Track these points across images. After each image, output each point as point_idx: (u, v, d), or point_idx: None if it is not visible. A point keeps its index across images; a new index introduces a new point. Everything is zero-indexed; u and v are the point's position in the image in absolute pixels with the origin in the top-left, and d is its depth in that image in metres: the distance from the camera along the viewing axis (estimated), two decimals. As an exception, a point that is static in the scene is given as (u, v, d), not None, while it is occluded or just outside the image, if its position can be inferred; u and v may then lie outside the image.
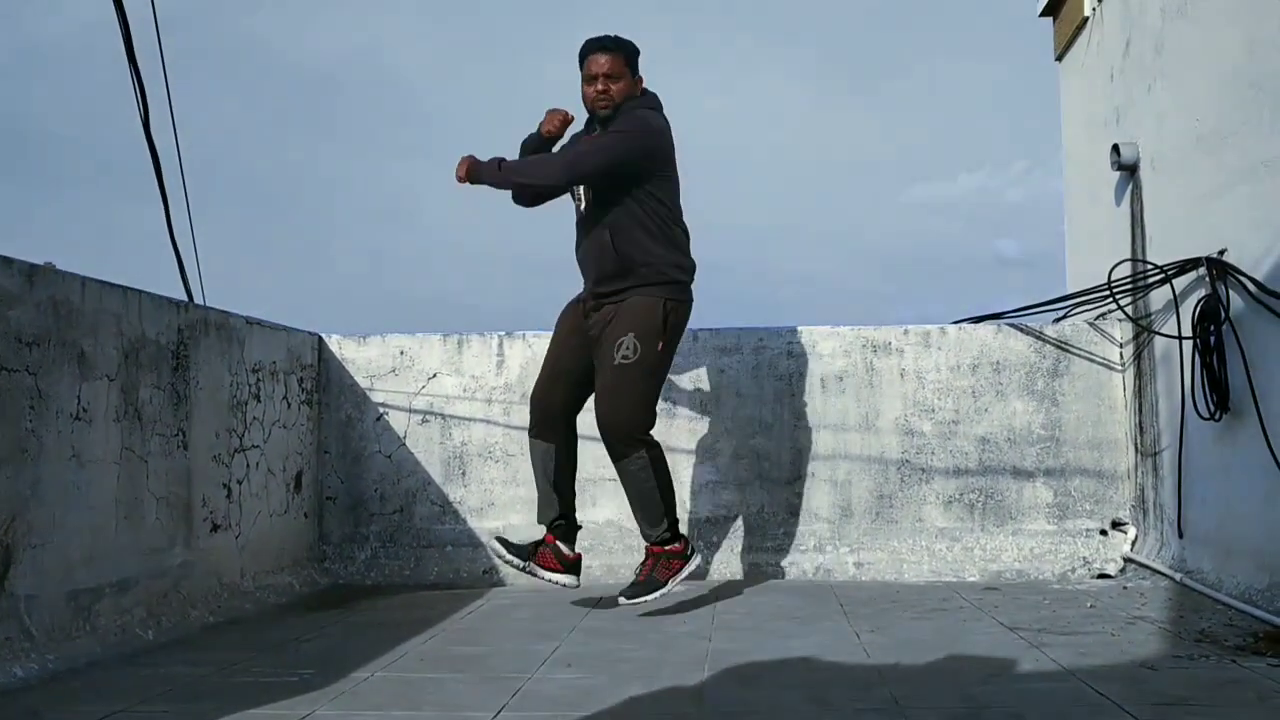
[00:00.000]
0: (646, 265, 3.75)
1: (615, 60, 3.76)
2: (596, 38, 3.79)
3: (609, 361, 3.73)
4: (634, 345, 3.70)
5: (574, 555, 3.92)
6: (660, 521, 3.75)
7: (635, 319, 3.72)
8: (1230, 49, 3.68)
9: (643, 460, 3.73)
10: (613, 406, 3.74)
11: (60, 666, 2.90)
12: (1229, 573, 3.71)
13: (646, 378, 3.74)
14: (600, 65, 3.75)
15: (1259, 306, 3.48)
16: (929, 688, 2.65)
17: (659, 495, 3.75)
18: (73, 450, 3.11)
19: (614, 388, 3.73)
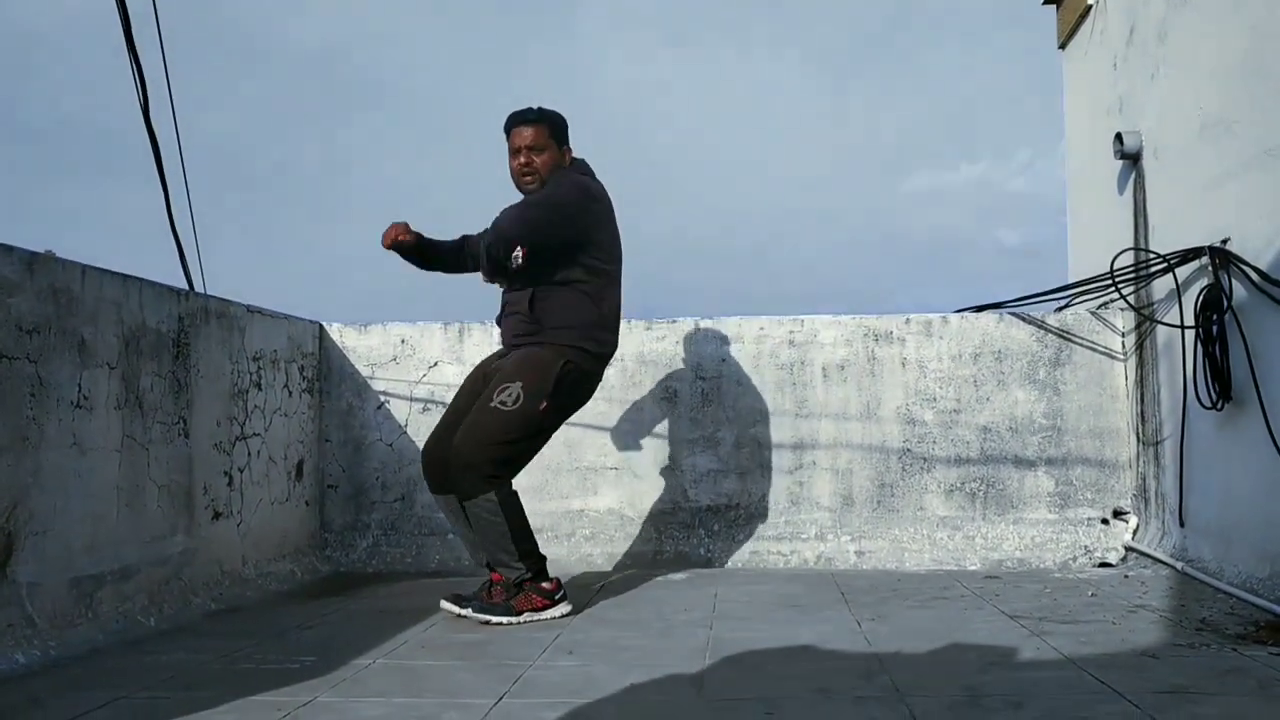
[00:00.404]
0: (559, 328, 3.58)
1: (539, 132, 3.66)
2: (519, 111, 3.69)
3: (485, 400, 3.53)
4: (517, 394, 3.49)
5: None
6: (515, 562, 3.51)
7: (527, 369, 3.54)
8: (1234, 37, 3.67)
9: (491, 503, 3.48)
10: (466, 439, 3.50)
11: (62, 653, 2.91)
12: (1230, 561, 3.71)
13: (516, 430, 3.50)
14: (524, 138, 3.65)
15: (1262, 296, 3.47)
16: (930, 676, 2.65)
17: (512, 536, 3.50)
18: (74, 438, 3.11)
19: (477, 424, 3.51)
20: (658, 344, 4.77)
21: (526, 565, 3.52)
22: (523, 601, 3.48)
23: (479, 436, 3.49)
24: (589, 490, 4.76)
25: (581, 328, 3.60)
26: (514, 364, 3.58)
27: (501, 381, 3.54)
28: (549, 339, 3.58)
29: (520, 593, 3.50)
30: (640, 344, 4.78)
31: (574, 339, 3.58)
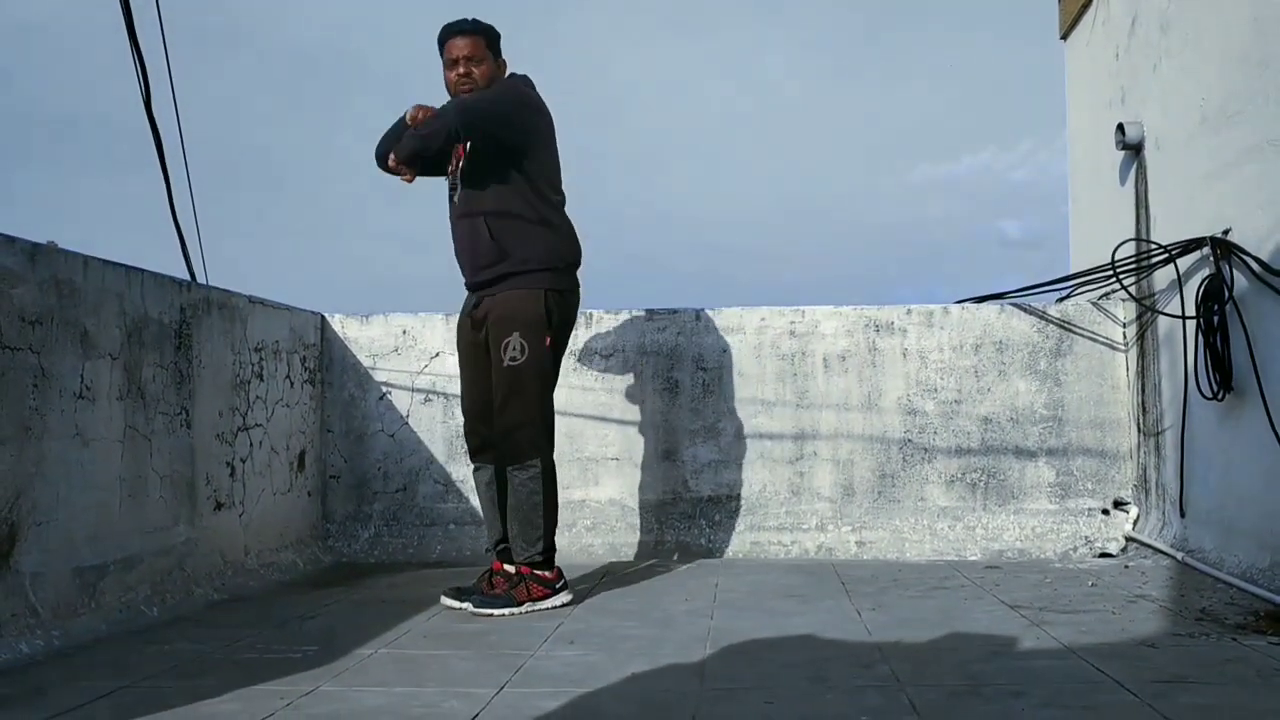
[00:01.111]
0: (525, 256, 3.54)
1: (476, 43, 3.59)
2: (454, 22, 3.62)
3: (499, 364, 3.53)
4: (520, 345, 3.50)
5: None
6: (537, 541, 3.52)
7: (517, 315, 3.53)
8: (1237, 28, 3.66)
9: (535, 470, 3.53)
10: (510, 410, 3.52)
11: (65, 643, 2.92)
12: (1230, 552, 3.72)
13: (538, 378, 3.55)
14: (460, 49, 3.58)
15: (1263, 286, 3.47)
16: (930, 665, 2.66)
17: (543, 513, 3.53)
18: (76, 429, 3.12)
19: (508, 390, 3.52)
20: (659, 334, 4.78)
21: (542, 549, 3.53)
22: (522, 591, 3.49)
23: (517, 401, 3.52)
24: (590, 481, 4.76)
25: (547, 248, 3.58)
26: (500, 317, 3.55)
27: (500, 339, 3.53)
28: (519, 271, 3.55)
29: (521, 582, 3.51)
30: (641, 334, 4.78)
31: (542, 264, 3.57)
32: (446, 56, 3.62)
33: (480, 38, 3.62)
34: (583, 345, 4.79)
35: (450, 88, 3.63)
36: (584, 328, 4.80)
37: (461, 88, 3.60)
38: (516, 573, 3.56)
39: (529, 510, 3.54)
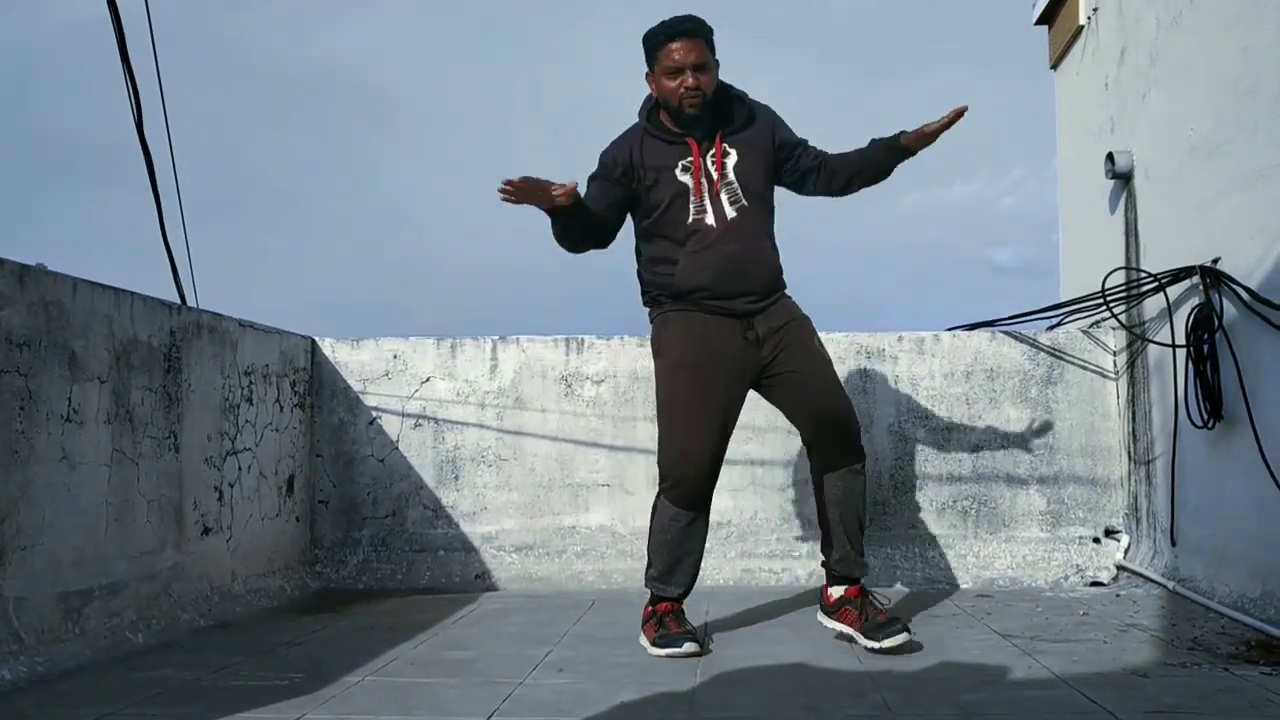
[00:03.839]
0: (780, 273, 3.37)
1: (701, 47, 3.17)
2: (673, 21, 3.18)
3: (818, 360, 3.31)
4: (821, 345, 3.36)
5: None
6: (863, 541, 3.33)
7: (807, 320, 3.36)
8: (1225, 58, 3.69)
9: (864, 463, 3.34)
10: (845, 398, 3.31)
11: (49, 669, 2.89)
12: (1221, 581, 3.71)
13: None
14: (685, 54, 3.14)
15: (1252, 315, 3.48)
16: (921, 695, 2.64)
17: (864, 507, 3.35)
18: (63, 452, 3.09)
19: (835, 379, 3.33)
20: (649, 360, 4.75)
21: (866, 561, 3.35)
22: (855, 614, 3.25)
23: (845, 395, 3.35)
24: (581, 507, 4.75)
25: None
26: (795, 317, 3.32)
27: (808, 332, 3.32)
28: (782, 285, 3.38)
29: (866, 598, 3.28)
30: (633, 360, 4.78)
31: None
32: (665, 63, 3.17)
33: (704, 40, 3.19)
34: (574, 371, 4.79)
35: (671, 98, 3.20)
36: (576, 353, 4.80)
37: (690, 101, 3.18)
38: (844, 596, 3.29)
39: (861, 508, 3.31)
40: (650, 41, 3.22)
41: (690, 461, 3.23)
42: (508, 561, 4.70)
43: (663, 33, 3.19)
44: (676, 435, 3.25)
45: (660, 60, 3.19)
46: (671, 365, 3.29)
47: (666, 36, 3.18)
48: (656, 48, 3.20)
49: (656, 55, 3.20)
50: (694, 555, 3.34)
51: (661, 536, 3.31)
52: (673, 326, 3.30)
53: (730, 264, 3.24)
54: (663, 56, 3.18)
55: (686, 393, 3.24)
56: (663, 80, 3.20)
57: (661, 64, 3.19)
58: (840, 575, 3.34)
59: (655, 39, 3.20)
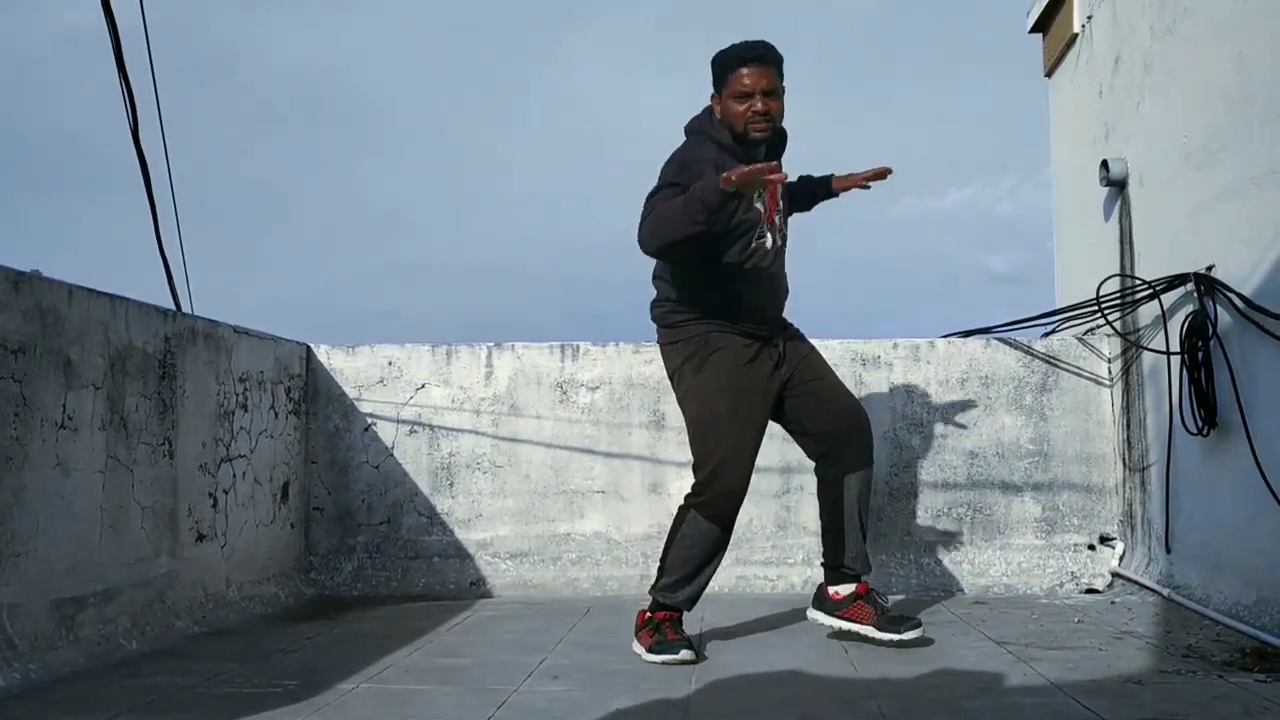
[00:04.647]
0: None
1: (774, 74, 3.20)
2: (748, 46, 3.20)
3: (829, 368, 3.50)
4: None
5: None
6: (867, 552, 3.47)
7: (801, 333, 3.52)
8: (1219, 66, 3.70)
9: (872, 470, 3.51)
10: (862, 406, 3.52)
11: (43, 676, 2.88)
12: (1216, 588, 3.71)
13: None
14: (759, 80, 3.16)
15: (1246, 322, 3.49)
16: (916, 702, 2.64)
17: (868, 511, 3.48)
18: (57, 459, 3.09)
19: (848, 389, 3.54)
20: (645, 367, 4.77)
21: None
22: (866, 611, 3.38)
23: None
24: (575, 513, 4.74)
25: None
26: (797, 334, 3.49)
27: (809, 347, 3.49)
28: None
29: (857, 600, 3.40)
30: (628, 367, 4.78)
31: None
32: (735, 86, 3.18)
33: (775, 68, 3.21)
34: (569, 378, 4.79)
35: (738, 121, 3.19)
36: (571, 360, 4.80)
37: (757, 126, 3.19)
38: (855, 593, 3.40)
39: (865, 520, 3.46)
40: (722, 64, 3.23)
41: (731, 480, 3.27)
42: (503, 568, 4.69)
43: (735, 56, 3.20)
44: (719, 454, 3.27)
45: (730, 83, 3.20)
46: (717, 387, 3.28)
47: (739, 61, 3.18)
48: (728, 70, 3.20)
49: (727, 78, 3.21)
50: (711, 571, 3.37)
51: (688, 550, 3.31)
52: (718, 348, 3.28)
53: (775, 292, 3.38)
54: (733, 80, 3.19)
55: (732, 415, 3.27)
56: (730, 103, 3.20)
57: (731, 87, 3.19)
58: (851, 574, 3.42)
59: (727, 62, 3.21)
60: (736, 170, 2.92)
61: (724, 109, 3.24)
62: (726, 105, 3.22)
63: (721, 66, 3.24)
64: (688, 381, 3.33)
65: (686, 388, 3.34)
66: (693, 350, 3.30)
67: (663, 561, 3.36)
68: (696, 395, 3.32)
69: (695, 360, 3.30)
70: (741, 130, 3.21)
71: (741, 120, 3.20)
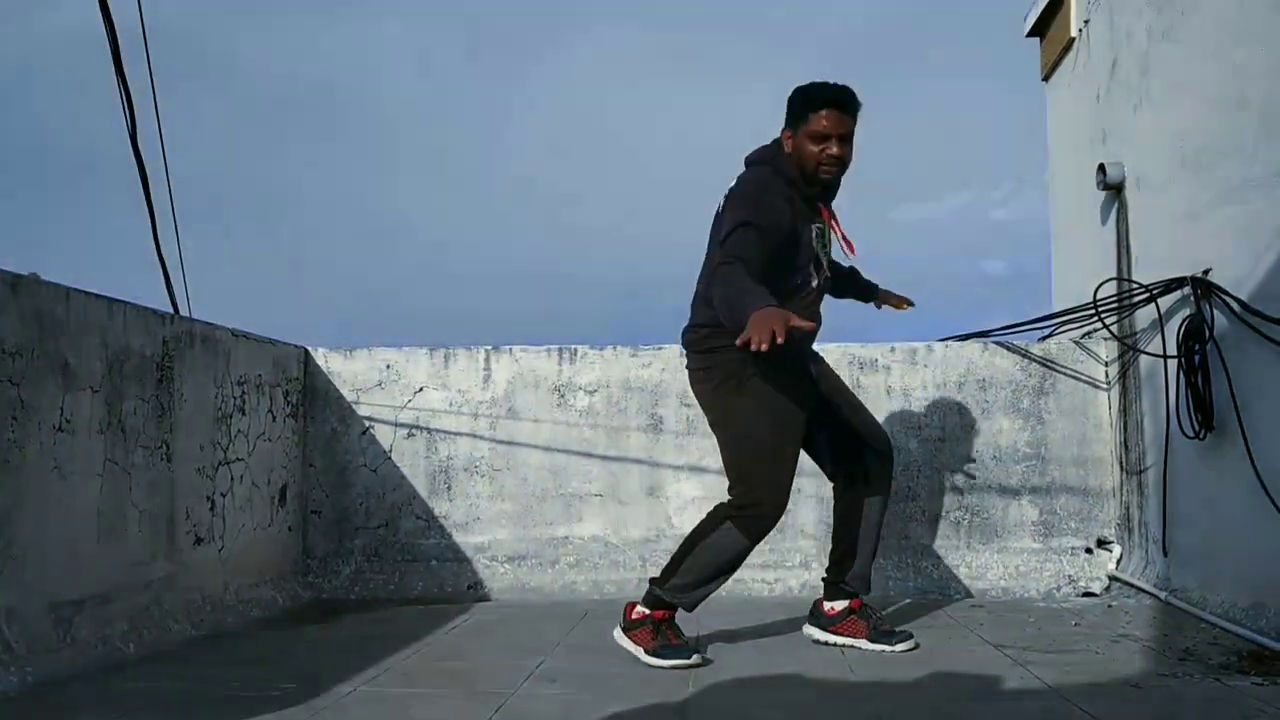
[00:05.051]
0: None
1: (851, 122, 3.24)
2: (835, 87, 3.22)
3: (853, 394, 3.60)
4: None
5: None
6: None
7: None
8: (1215, 70, 3.71)
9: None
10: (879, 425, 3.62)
11: (40, 679, 2.87)
12: (1213, 591, 3.72)
13: None
14: (839, 125, 3.20)
15: (1243, 326, 3.50)
16: (914, 705, 2.64)
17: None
18: (55, 462, 3.09)
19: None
20: (643, 371, 4.77)
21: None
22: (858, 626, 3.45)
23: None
24: (573, 517, 4.74)
25: None
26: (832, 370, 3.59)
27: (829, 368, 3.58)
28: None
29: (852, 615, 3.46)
30: (626, 371, 4.78)
31: None
32: (814, 126, 3.21)
33: (854, 117, 3.25)
34: (567, 381, 4.79)
35: (809, 160, 3.23)
36: (569, 363, 4.80)
37: (827, 169, 3.24)
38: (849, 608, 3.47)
39: (877, 542, 3.53)
40: (804, 101, 3.24)
41: (774, 501, 3.27)
42: (500, 572, 4.69)
43: (820, 98, 3.21)
44: (760, 475, 3.27)
45: (810, 122, 3.21)
46: (759, 408, 3.28)
47: (824, 102, 3.20)
48: (810, 109, 3.22)
49: (807, 116, 3.22)
50: (725, 581, 3.39)
51: (713, 558, 3.30)
52: (757, 374, 3.26)
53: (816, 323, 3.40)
54: (814, 119, 3.21)
55: (772, 437, 3.29)
56: (806, 142, 3.22)
57: (810, 126, 3.21)
58: (848, 591, 3.48)
59: (811, 101, 3.22)
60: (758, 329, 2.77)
61: (797, 145, 3.26)
62: (801, 143, 3.24)
63: (803, 104, 3.25)
64: (723, 403, 3.33)
65: (723, 409, 3.35)
66: (733, 371, 3.29)
67: (679, 561, 3.34)
68: (735, 417, 3.32)
69: (733, 382, 3.29)
70: (812, 170, 3.24)
71: (814, 161, 3.23)
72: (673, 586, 3.31)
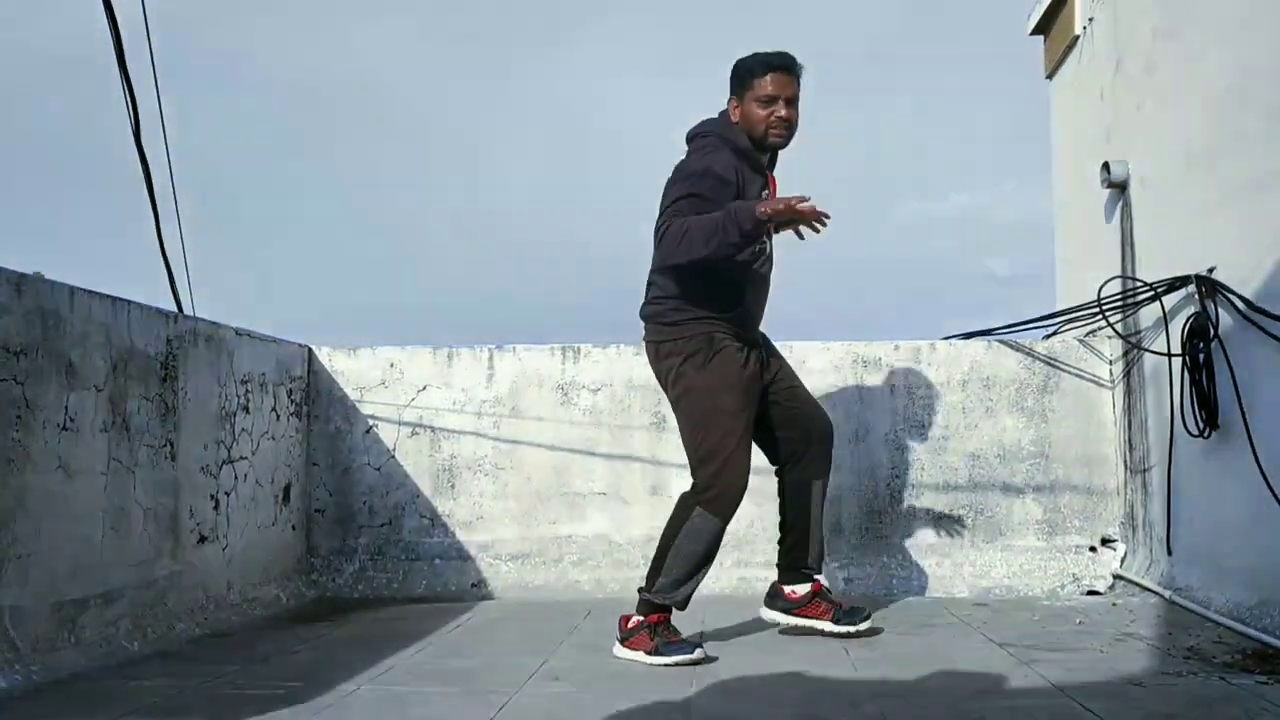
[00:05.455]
0: None
1: (796, 85, 3.32)
2: (779, 54, 3.31)
3: (797, 378, 3.65)
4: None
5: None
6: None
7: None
8: (1220, 69, 3.70)
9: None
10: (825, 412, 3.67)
11: (44, 678, 2.88)
12: (1217, 590, 3.71)
13: None
14: (785, 86, 3.29)
15: (1248, 324, 3.49)
16: (918, 703, 2.64)
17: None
18: (59, 460, 3.09)
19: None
20: (647, 369, 4.74)
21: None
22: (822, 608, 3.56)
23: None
24: (576, 516, 4.74)
25: None
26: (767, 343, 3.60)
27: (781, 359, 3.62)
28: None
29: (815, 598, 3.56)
30: (630, 369, 4.78)
31: None
32: (759, 91, 3.29)
33: (797, 79, 3.33)
34: (570, 379, 4.79)
35: (758, 124, 3.30)
36: (572, 361, 4.80)
37: (776, 132, 3.31)
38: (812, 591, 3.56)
39: (823, 523, 3.64)
40: (746, 69, 3.33)
41: (740, 473, 3.35)
42: (504, 570, 4.69)
43: (762, 63, 3.30)
44: (728, 448, 3.32)
45: (755, 88, 3.30)
46: (724, 384, 3.34)
47: (766, 67, 3.30)
48: (753, 75, 3.31)
49: (751, 83, 3.31)
50: (707, 570, 3.41)
51: (692, 547, 3.33)
52: (722, 347, 3.34)
53: (765, 298, 3.49)
54: (758, 85, 3.30)
55: (737, 412, 3.35)
56: (753, 107, 3.30)
57: (755, 91, 3.30)
58: (808, 574, 3.59)
59: (753, 68, 3.31)
60: (773, 203, 2.99)
61: (744, 112, 3.33)
62: (748, 109, 3.32)
63: (746, 71, 3.32)
64: (690, 378, 3.36)
65: (688, 384, 3.37)
66: (697, 348, 3.33)
67: (660, 561, 3.37)
68: (702, 392, 3.34)
69: (699, 357, 3.33)
70: (761, 134, 3.31)
71: (762, 125, 3.30)
72: (661, 587, 3.34)
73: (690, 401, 3.37)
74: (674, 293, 3.34)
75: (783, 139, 3.35)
